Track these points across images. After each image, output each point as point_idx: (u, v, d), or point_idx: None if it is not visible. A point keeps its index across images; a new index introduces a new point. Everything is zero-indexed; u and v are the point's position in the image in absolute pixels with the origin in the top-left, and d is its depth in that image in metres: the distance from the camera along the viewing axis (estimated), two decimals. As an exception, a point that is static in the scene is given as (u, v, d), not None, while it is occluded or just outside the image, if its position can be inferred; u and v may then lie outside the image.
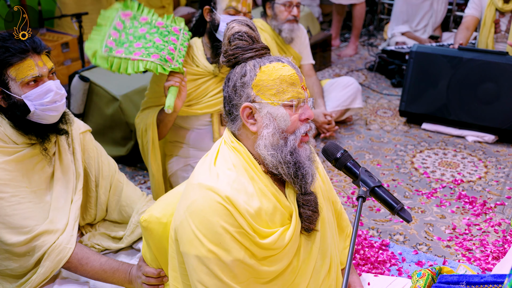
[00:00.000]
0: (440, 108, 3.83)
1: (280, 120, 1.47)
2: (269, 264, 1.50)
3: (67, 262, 1.85)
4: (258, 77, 1.47)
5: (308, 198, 1.54)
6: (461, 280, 1.70)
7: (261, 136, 1.48)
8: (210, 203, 1.42)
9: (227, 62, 1.54)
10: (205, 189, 1.43)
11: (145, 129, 2.64)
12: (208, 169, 1.49)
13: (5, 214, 1.77)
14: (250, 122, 1.49)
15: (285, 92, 1.47)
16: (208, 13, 2.66)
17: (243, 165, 1.50)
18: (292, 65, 1.52)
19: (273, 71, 1.47)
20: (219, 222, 1.41)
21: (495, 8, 3.96)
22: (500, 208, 2.95)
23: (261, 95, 1.47)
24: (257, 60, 1.50)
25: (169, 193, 1.70)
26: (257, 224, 1.46)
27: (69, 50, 4.62)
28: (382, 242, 2.66)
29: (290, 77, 1.48)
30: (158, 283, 1.75)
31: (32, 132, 1.84)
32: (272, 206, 1.50)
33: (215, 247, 1.41)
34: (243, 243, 1.44)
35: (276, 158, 1.47)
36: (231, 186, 1.44)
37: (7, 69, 1.75)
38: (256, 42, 1.53)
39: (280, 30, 3.57)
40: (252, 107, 1.48)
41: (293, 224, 1.52)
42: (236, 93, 1.50)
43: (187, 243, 1.44)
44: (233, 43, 1.52)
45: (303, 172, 1.49)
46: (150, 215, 1.63)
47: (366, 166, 3.44)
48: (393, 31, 5.32)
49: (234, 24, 1.53)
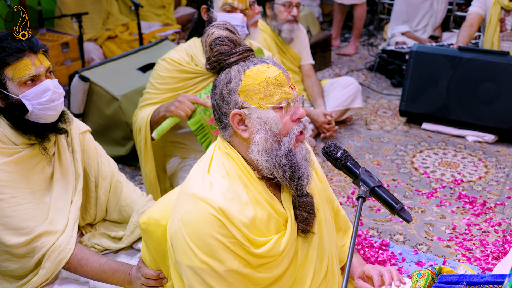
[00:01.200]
0: (440, 108, 3.83)
1: (271, 123, 1.44)
2: (265, 271, 1.49)
3: (67, 263, 1.85)
4: (243, 82, 1.44)
5: (304, 200, 1.52)
6: (461, 280, 1.70)
7: (253, 142, 1.46)
8: (202, 214, 1.40)
9: (212, 69, 1.51)
10: (198, 200, 1.42)
11: (139, 127, 2.65)
12: (202, 178, 1.47)
13: (5, 215, 1.77)
14: (241, 129, 1.47)
15: (272, 94, 1.44)
16: (205, 12, 2.67)
17: (236, 172, 1.48)
18: (277, 65, 1.49)
19: (258, 74, 1.44)
20: (212, 233, 1.40)
21: (501, 7, 3.96)
22: (500, 208, 2.95)
23: (249, 100, 1.44)
24: (241, 65, 1.47)
25: (168, 194, 1.69)
26: (251, 234, 1.44)
27: (69, 50, 4.62)
28: (382, 242, 2.65)
29: (276, 78, 1.45)
30: (157, 285, 1.75)
31: (31, 132, 1.84)
32: (266, 214, 1.48)
33: (208, 258, 1.41)
34: (237, 253, 1.43)
35: (271, 163, 1.45)
36: (225, 196, 1.43)
37: (4, 69, 1.74)
38: (238, 45, 1.50)
39: (279, 30, 3.57)
40: (241, 114, 1.45)
41: (289, 230, 1.51)
42: (223, 101, 1.47)
43: (181, 253, 1.44)
44: (215, 49, 1.50)
45: (299, 174, 1.47)
46: (149, 217, 1.62)
47: (366, 166, 3.44)
48: (393, 31, 5.32)
49: (213, 30, 1.51)
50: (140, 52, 3.81)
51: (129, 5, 5.37)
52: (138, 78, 3.53)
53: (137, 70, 3.62)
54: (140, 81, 3.47)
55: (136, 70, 3.62)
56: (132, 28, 5.26)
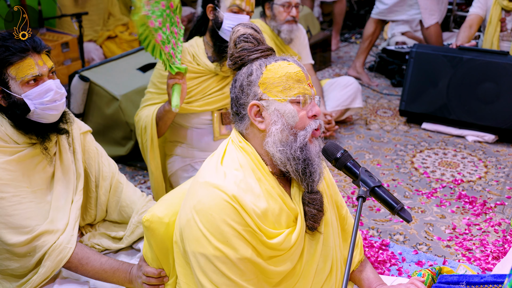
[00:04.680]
0: (440, 107, 3.84)
1: (288, 116, 1.48)
2: (275, 264, 1.50)
3: (68, 262, 1.85)
4: (264, 75, 1.49)
5: (314, 197, 1.54)
6: (461, 280, 1.70)
7: (269, 133, 1.48)
8: (217, 201, 1.42)
9: (234, 64, 1.55)
10: (212, 187, 1.44)
11: (144, 127, 2.65)
12: (215, 168, 1.49)
13: (6, 214, 1.77)
14: (258, 120, 1.50)
15: (291, 88, 1.48)
16: (211, 11, 2.66)
17: (250, 166, 1.50)
18: (298, 63, 1.53)
19: (279, 68, 1.49)
20: (226, 220, 1.41)
21: (501, 7, 3.96)
22: (500, 208, 2.95)
23: (268, 93, 1.48)
24: (263, 60, 1.52)
25: (172, 192, 1.70)
26: (263, 225, 1.46)
27: (69, 50, 4.62)
28: (382, 242, 2.66)
29: (296, 74, 1.49)
30: (159, 283, 1.75)
31: (32, 132, 1.84)
32: (278, 207, 1.50)
33: (222, 245, 1.41)
34: (250, 242, 1.44)
35: (285, 155, 1.48)
36: (238, 185, 1.45)
37: (7, 68, 1.75)
38: (261, 43, 1.55)
39: (279, 31, 3.57)
40: (259, 105, 1.49)
41: (299, 226, 1.53)
42: (243, 93, 1.51)
43: (193, 241, 1.44)
44: (238, 45, 1.54)
45: (311, 170, 1.49)
46: (152, 215, 1.62)
47: (366, 166, 3.44)
48: (393, 31, 5.32)
49: (239, 27, 1.55)
50: (140, 52, 3.81)
51: (130, 5, 5.38)
52: (138, 78, 3.53)
53: (137, 70, 3.62)
54: (140, 81, 3.48)
55: (136, 70, 3.62)
56: (132, 28, 5.27)
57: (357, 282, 1.80)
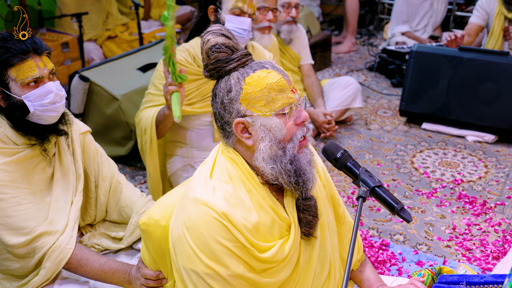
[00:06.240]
0: (440, 108, 3.84)
1: (275, 130, 1.43)
2: (270, 276, 1.49)
3: (67, 263, 1.85)
4: (244, 90, 1.41)
5: (308, 204, 1.52)
6: (461, 280, 1.70)
7: (258, 149, 1.44)
8: (205, 218, 1.40)
9: (211, 76, 1.49)
10: (201, 205, 1.41)
11: (144, 128, 2.64)
12: (204, 182, 1.46)
13: (5, 215, 1.77)
14: (245, 137, 1.45)
15: (275, 101, 1.41)
16: (212, 12, 2.65)
17: (240, 177, 1.47)
18: (277, 69, 1.46)
19: (259, 81, 1.41)
20: (216, 238, 1.39)
21: (504, 17, 3.99)
22: (500, 208, 2.95)
23: (251, 108, 1.42)
24: (241, 72, 1.44)
25: (168, 194, 1.69)
26: (255, 239, 1.44)
27: (69, 50, 4.62)
28: (382, 242, 2.66)
29: (277, 84, 1.42)
30: (157, 285, 1.75)
31: (32, 133, 1.84)
32: (270, 219, 1.48)
33: (213, 263, 1.40)
34: (242, 257, 1.42)
35: (276, 170, 1.44)
36: (228, 200, 1.42)
37: (8, 69, 1.75)
38: (235, 50, 1.47)
39: (278, 31, 3.57)
40: (244, 122, 1.43)
41: (292, 235, 1.51)
42: (225, 110, 1.45)
43: (185, 258, 1.44)
44: (212, 56, 1.46)
45: (304, 179, 1.46)
46: (148, 218, 1.61)
47: (366, 166, 3.44)
48: (393, 31, 5.32)
49: (209, 37, 1.47)
50: (140, 52, 3.81)
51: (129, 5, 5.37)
52: (138, 78, 3.53)
53: (137, 70, 3.62)
54: (140, 81, 3.48)
55: (136, 70, 3.62)
56: (132, 28, 5.26)
57: (357, 282, 1.80)
